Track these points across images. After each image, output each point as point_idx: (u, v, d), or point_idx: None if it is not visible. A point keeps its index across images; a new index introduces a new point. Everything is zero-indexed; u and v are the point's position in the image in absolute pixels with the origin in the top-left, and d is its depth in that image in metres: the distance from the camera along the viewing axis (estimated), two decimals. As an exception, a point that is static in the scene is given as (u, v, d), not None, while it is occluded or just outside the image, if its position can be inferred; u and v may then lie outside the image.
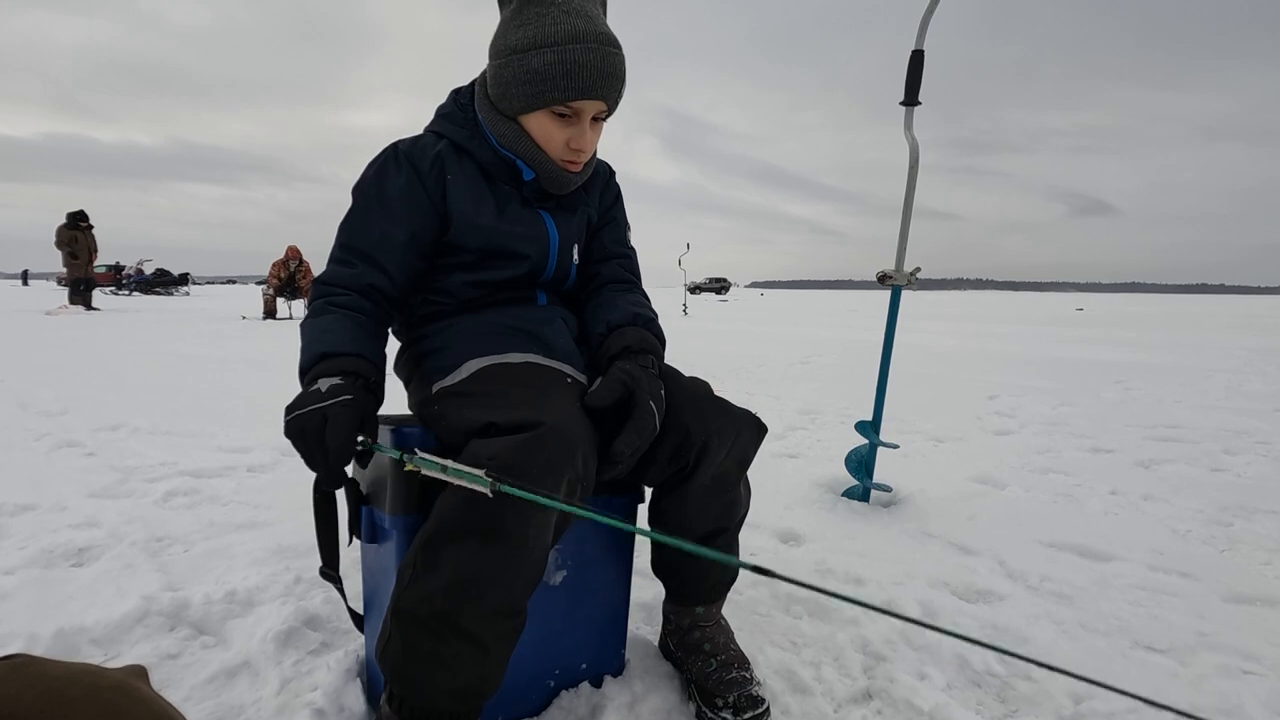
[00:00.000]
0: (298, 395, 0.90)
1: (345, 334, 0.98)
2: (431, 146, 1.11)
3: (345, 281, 1.05)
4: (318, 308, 1.04)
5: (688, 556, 1.12)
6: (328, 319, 1.01)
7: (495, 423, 0.89)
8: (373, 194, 1.09)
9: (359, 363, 0.95)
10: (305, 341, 0.99)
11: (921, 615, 1.44)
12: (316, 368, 0.94)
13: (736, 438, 1.03)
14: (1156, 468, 2.70)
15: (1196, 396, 4.44)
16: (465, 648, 0.86)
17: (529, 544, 0.86)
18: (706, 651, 1.16)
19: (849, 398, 4.07)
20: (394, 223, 1.08)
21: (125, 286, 23.80)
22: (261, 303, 11.12)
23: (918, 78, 1.82)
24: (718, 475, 1.04)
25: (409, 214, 1.08)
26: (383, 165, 1.10)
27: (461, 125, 1.13)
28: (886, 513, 2.07)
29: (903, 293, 2.02)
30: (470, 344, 1.08)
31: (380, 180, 1.09)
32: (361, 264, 1.06)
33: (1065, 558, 1.77)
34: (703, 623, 1.19)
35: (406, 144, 1.12)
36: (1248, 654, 1.30)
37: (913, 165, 1.85)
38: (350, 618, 1.18)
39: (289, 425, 0.86)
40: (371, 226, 1.08)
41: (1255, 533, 1.97)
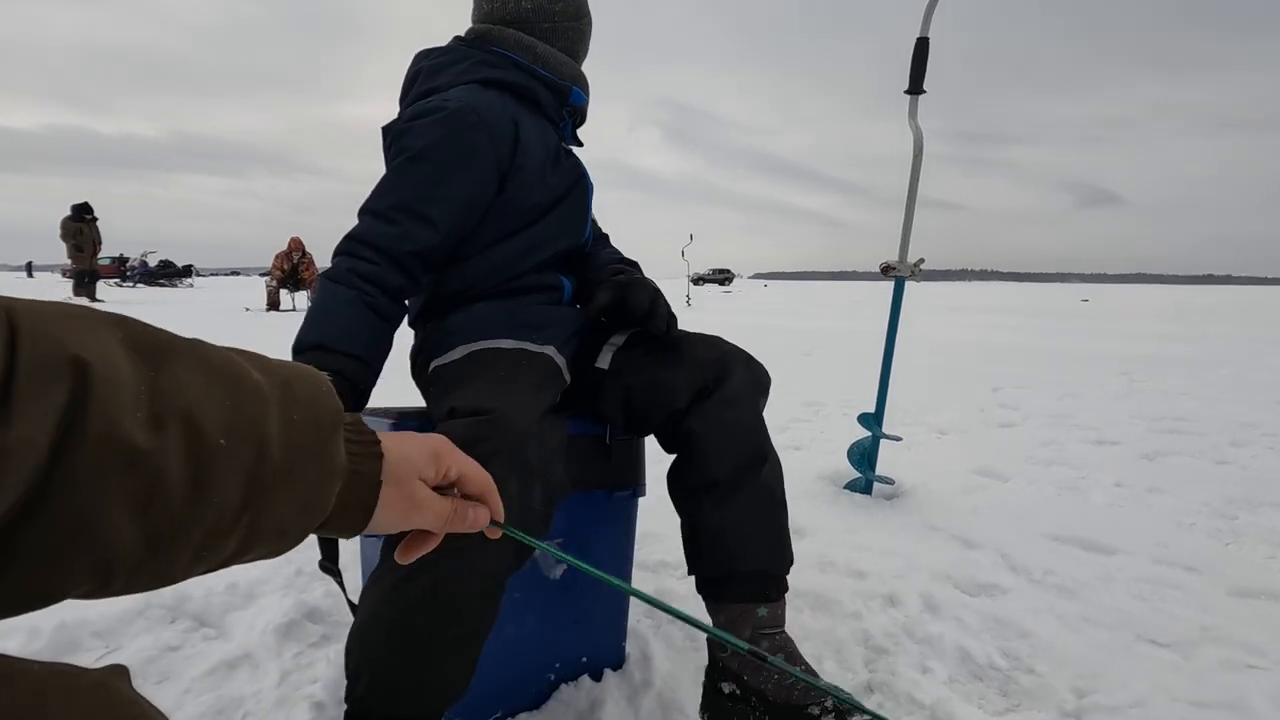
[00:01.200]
0: None
1: (351, 325, 0.94)
2: (498, 99, 1.07)
3: (382, 242, 0.98)
4: (340, 270, 0.97)
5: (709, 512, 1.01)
6: (341, 294, 0.95)
7: (454, 407, 0.88)
8: (438, 147, 1.01)
9: (352, 365, 0.91)
10: (311, 313, 0.95)
11: (923, 608, 1.44)
12: (306, 356, 0.91)
13: (748, 364, 1.08)
14: (1162, 460, 2.68)
15: (1202, 388, 4.41)
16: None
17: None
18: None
19: (852, 390, 4.06)
20: (460, 181, 1.02)
21: (129, 279, 23.85)
22: (265, 294, 11.12)
23: (923, 66, 1.79)
24: (734, 396, 1.04)
25: (478, 173, 1.03)
26: (448, 117, 1.02)
27: (506, 68, 1.11)
28: (889, 505, 2.06)
29: (906, 284, 2.01)
30: (465, 330, 1.06)
31: (449, 133, 1.01)
32: (408, 221, 0.99)
33: (1069, 551, 1.76)
34: (768, 628, 0.99)
35: (465, 95, 1.04)
36: (1252, 648, 1.30)
37: (917, 154, 1.83)
38: (350, 610, 1.17)
39: None
40: (431, 182, 1.00)
41: (1260, 526, 1.96)
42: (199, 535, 0.35)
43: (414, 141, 1.02)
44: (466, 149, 1.02)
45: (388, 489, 0.45)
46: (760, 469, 1.03)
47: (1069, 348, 7.00)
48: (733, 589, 1.00)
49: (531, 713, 1.09)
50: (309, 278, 11.37)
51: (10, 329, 0.29)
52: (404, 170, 1.01)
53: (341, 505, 0.43)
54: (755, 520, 1.01)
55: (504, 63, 1.11)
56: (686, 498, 1.05)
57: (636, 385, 1.06)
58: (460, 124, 1.02)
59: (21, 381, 0.29)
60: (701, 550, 1.03)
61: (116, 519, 0.32)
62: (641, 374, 1.06)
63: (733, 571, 1.00)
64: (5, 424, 0.28)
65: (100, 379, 0.31)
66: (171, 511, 0.34)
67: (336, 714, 1.06)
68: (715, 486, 1.01)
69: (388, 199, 1.01)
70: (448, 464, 0.50)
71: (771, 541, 1.02)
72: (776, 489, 1.06)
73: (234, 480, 0.36)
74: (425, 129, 1.02)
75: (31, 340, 0.29)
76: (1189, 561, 1.69)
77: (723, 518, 1.00)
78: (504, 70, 1.10)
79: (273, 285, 11.02)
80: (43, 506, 0.30)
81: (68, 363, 0.30)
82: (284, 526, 0.39)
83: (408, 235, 0.99)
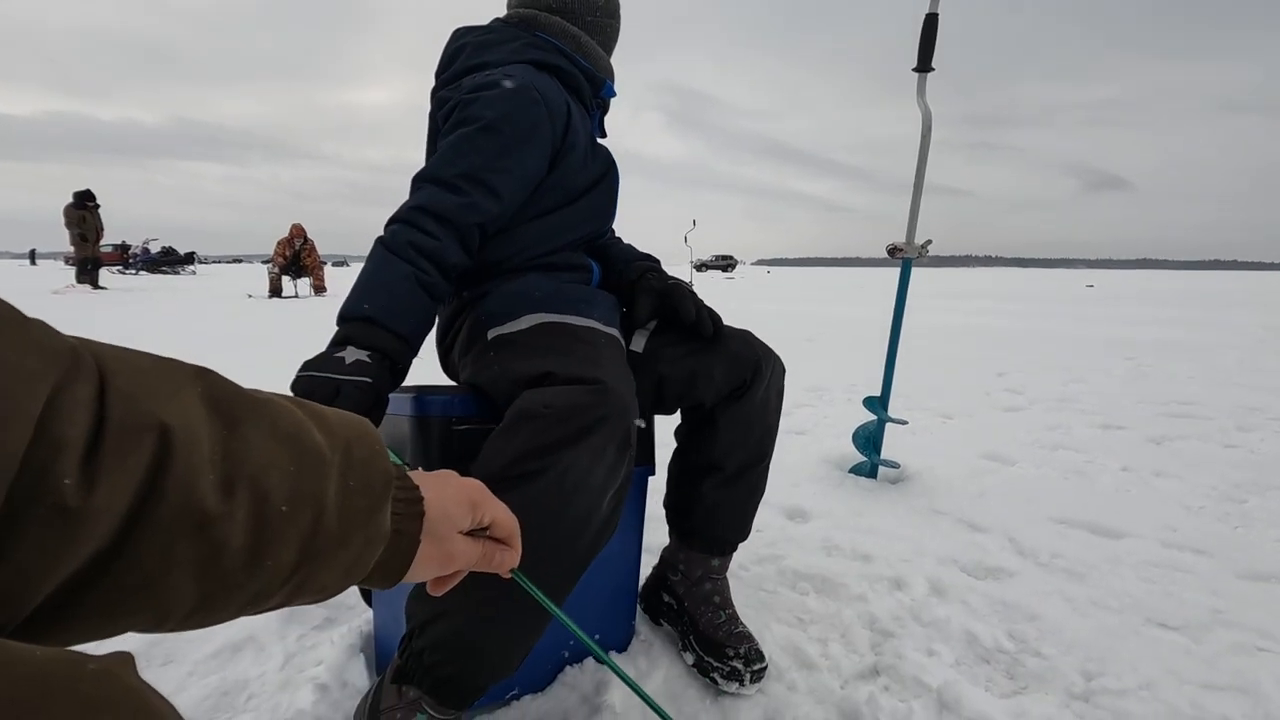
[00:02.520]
0: (319, 355, 0.85)
1: (404, 302, 0.90)
2: (551, 82, 1.09)
3: (448, 212, 0.96)
4: (398, 239, 0.93)
5: (732, 486, 1.16)
6: (397, 268, 0.91)
7: (553, 372, 0.88)
8: (507, 120, 1.00)
9: (396, 343, 0.88)
10: (360, 282, 0.91)
11: (929, 592, 1.43)
12: (353, 327, 0.87)
13: (775, 366, 1.16)
14: (1169, 444, 2.66)
15: (1209, 373, 4.38)
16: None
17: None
18: (716, 604, 1.18)
19: (856, 375, 4.04)
20: (525, 156, 1.02)
21: (132, 266, 23.85)
22: (267, 281, 11.11)
23: (931, 42, 1.76)
24: (764, 399, 1.14)
25: (539, 150, 1.04)
26: (518, 92, 1.02)
27: (551, 53, 1.13)
28: (894, 489, 2.05)
29: (912, 268, 1.98)
30: (530, 300, 1.05)
31: (518, 108, 1.01)
32: (476, 192, 0.98)
33: (1076, 534, 1.75)
34: (715, 574, 1.21)
35: (528, 75, 1.05)
36: (1263, 631, 1.28)
37: (925, 133, 1.80)
38: (359, 591, 1.17)
39: (297, 381, 0.82)
40: (501, 155, 1.00)
41: (1270, 509, 1.94)
42: (249, 594, 0.37)
43: (483, 112, 1.00)
44: (531, 124, 1.02)
45: (426, 545, 0.46)
46: (758, 467, 1.17)
47: (1074, 333, 6.96)
48: (700, 543, 1.20)
49: (536, 695, 1.09)
50: (311, 264, 11.34)
51: (100, 383, 0.30)
52: (473, 139, 0.99)
53: (382, 564, 0.44)
54: (740, 504, 1.18)
55: (550, 48, 1.13)
56: (689, 468, 1.19)
57: (671, 375, 1.11)
58: (526, 99, 1.02)
59: (108, 445, 0.29)
60: (690, 511, 1.19)
61: (179, 580, 0.33)
62: (676, 364, 1.11)
63: (708, 534, 1.19)
64: (87, 488, 0.28)
65: (181, 444, 0.32)
66: (229, 573, 0.35)
67: (341, 696, 1.05)
68: (719, 471, 1.15)
69: (454, 168, 0.98)
70: (483, 511, 0.52)
71: (743, 522, 1.20)
72: (763, 479, 1.20)
73: (290, 547, 0.37)
74: (492, 101, 1.00)
75: (120, 400, 0.30)
76: (1198, 545, 1.67)
77: (717, 498, 1.16)
78: (552, 55, 1.13)
79: (275, 272, 11.00)
80: (110, 568, 0.31)
81: (153, 429, 0.31)
82: (327, 585, 0.41)
83: (474, 206, 0.97)
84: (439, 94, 1.11)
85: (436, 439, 0.95)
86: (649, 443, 1.15)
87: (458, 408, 0.97)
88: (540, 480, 0.82)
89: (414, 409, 0.96)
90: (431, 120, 1.12)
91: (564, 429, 0.82)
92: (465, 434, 0.94)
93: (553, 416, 0.82)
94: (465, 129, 1.00)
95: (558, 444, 0.82)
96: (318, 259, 11.55)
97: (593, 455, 0.84)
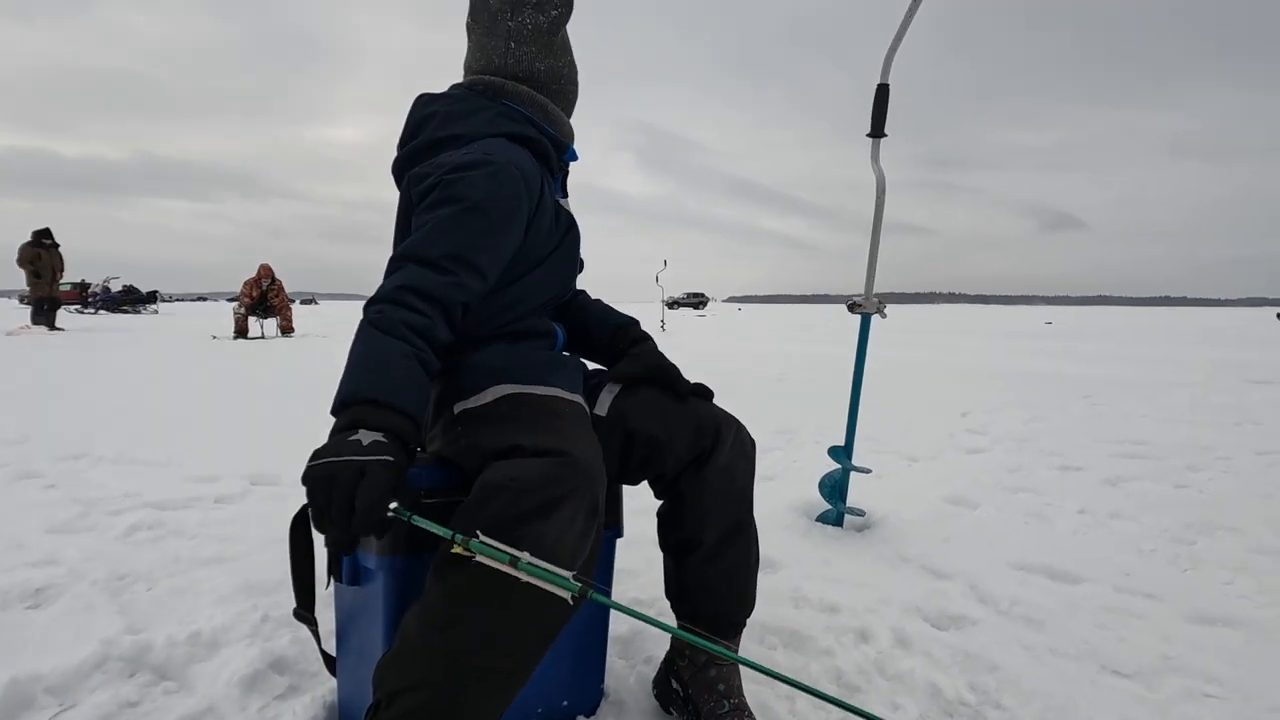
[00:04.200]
0: (331, 440, 0.81)
1: (404, 380, 0.87)
2: (521, 154, 1.10)
3: (434, 292, 0.94)
4: (389, 319, 0.91)
5: (714, 562, 1.13)
6: (393, 347, 0.89)
7: (520, 445, 0.89)
8: (491, 201, 1.01)
9: (406, 424, 0.85)
10: (357, 365, 0.87)
11: (894, 643, 1.45)
12: (359, 410, 0.83)
13: (738, 432, 1.14)
14: (1124, 485, 2.75)
15: (1161, 411, 4.55)
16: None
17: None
18: (721, 692, 1.12)
19: (825, 416, 4.10)
20: (507, 236, 1.04)
21: (91, 305, 23.27)
22: (233, 321, 10.93)
23: (883, 111, 1.86)
24: (728, 465, 1.12)
25: (518, 229, 1.06)
26: (500, 172, 1.03)
27: (520, 122, 1.15)
28: (861, 537, 2.09)
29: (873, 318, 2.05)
30: (499, 369, 1.06)
31: (501, 188, 1.02)
32: (463, 274, 0.97)
33: (1035, 580, 1.80)
34: (720, 661, 1.15)
35: (506, 152, 1.06)
36: (1210, 676, 1.33)
37: (879, 195, 1.89)
38: (322, 660, 1.15)
39: (313, 470, 0.77)
40: (485, 235, 1.01)
41: (1217, 551, 2.02)
42: None
43: (468, 192, 1.00)
44: (514, 204, 1.03)
45: None
46: (739, 537, 1.15)
47: (1034, 369, 7.17)
48: (703, 624, 1.15)
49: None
50: (279, 305, 11.21)
51: None
52: (458, 220, 0.99)
53: None
54: (731, 580, 1.15)
55: (521, 119, 1.15)
56: (674, 547, 1.17)
57: (636, 436, 1.11)
58: (509, 178, 1.03)
59: None
60: (686, 595, 1.17)
61: None
62: (639, 429, 1.10)
63: (708, 613, 1.16)
64: None
65: None
66: None
67: (303, 770, 1.03)
68: (700, 547, 1.13)
69: (439, 248, 0.97)
70: None
71: (740, 595, 1.17)
72: (752, 553, 1.18)
73: None
74: (477, 182, 1.01)
75: None
76: (1150, 589, 1.73)
77: (705, 575, 1.14)
78: (523, 126, 1.14)
79: (241, 312, 10.84)
80: None
81: None
82: None
83: (461, 285, 0.97)
84: (411, 170, 1.09)
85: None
86: (617, 505, 1.17)
87: (426, 480, 0.98)
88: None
89: None
90: (404, 194, 1.11)
91: (532, 501, 0.83)
92: (434, 507, 0.95)
93: (520, 489, 0.83)
94: (449, 209, 0.99)
95: (527, 516, 0.83)
96: (285, 299, 11.42)
97: (562, 526, 0.84)
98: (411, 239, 0.99)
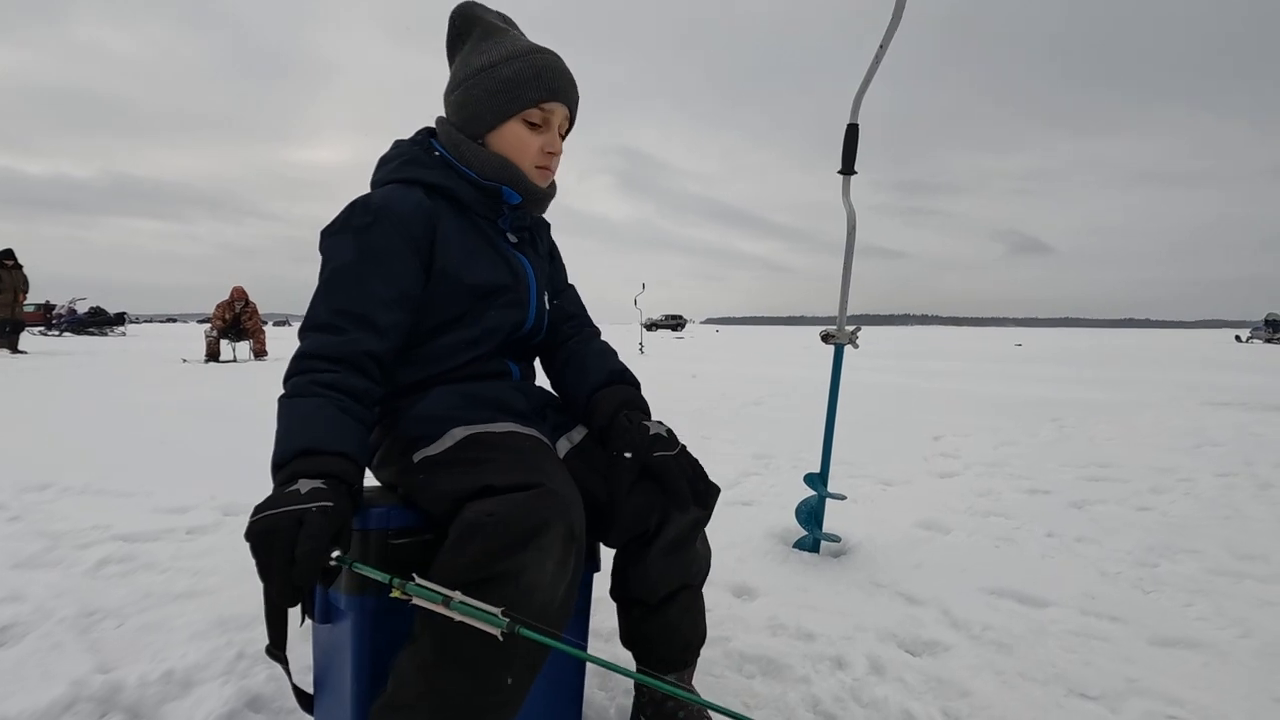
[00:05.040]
0: (270, 494, 0.84)
1: (329, 426, 0.91)
2: (409, 195, 1.07)
3: (333, 352, 0.98)
4: (299, 385, 0.95)
5: (657, 615, 1.15)
6: (310, 403, 0.93)
7: (492, 485, 0.89)
8: (352, 251, 1.03)
9: (343, 464, 0.88)
10: (282, 430, 0.91)
11: (869, 670, 1.48)
12: (294, 465, 0.86)
13: (689, 514, 1.10)
14: (1089, 508, 2.83)
15: (1126, 434, 4.68)
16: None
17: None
18: (681, 718, 1.16)
19: (802, 440, 4.16)
20: (382, 279, 1.03)
21: (56, 327, 22.71)
22: (204, 344, 10.75)
23: (853, 149, 1.93)
24: (675, 539, 1.10)
25: (396, 268, 1.04)
26: (355, 221, 1.05)
27: (431, 167, 1.12)
28: (836, 563, 2.12)
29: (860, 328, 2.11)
30: (450, 414, 1.05)
31: (357, 236, 1.04)
32: (354, 329, 0.99)
33: (1005, 604, 1.84)
34: (679, 705, 1.17)
35: (379, 197, 1.07)
36: (1172, 698, 1.38)
37: (850, 231, 1.95)
38: (296, 698, 1.14)
39: (254, 525, 0.80)
40: (355, 284, 1.02)
41: (1178, 573, 2.09)
42: None
43: (334, 252, 1.04)
44: (381, 250, 1.03)
45: None
46: (684, 594, 1.16)
47: (1005, 393, 7.33)
48: (653, 663, 1.18)
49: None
50: (252, 328, 11.06)
51: None
52: (332, 280, 1.03)
53: None
54: (676, 626, 1.17)
55: (436, 162, 1.13)
56: (619, 599, 1.18)
57: (585, 498, 1.06)
58: (366, 222, 1.04)
59: None
60: (633, 639, 1.20)
61: None
62: (589, 492, 1.06)
63: (655, 657, 1.18)
64: None
65: None
66: None
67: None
68: (643, 604, 1.15)
69: (324, 311, 1.01)
70: None
71: (686, 643, 1.19)
72: (695, 601, 1.19)
73: None
74: (339, 239, 1.05)
75: None
76: (1114, 612, 1.78)
77: (650, 627, 1.17)
78: (430, 170, 1.12)
79: (213, 335, 10.67)
80: None
81: None
82: None
83: (355, 340, 0.99)
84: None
85: (374, 552, 0.95)
86: (592, 541, 1.18)
87: (395, 520, 0.98)
88: (496, 585, 0.84)
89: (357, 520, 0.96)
90: None
91: (511, 534, 0.84)
92: (402, 547, 0.94)
93: (499, 524, 0.84)
94: (323, 271, 1.04)
95: (508, 549, 0.84)
96: (259, 322, 11.27)
97: (543, 554, 0.86)
98: (308, 309, 1.04)
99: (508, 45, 1.11)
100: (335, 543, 0.82)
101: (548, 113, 1.12)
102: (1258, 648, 1.60)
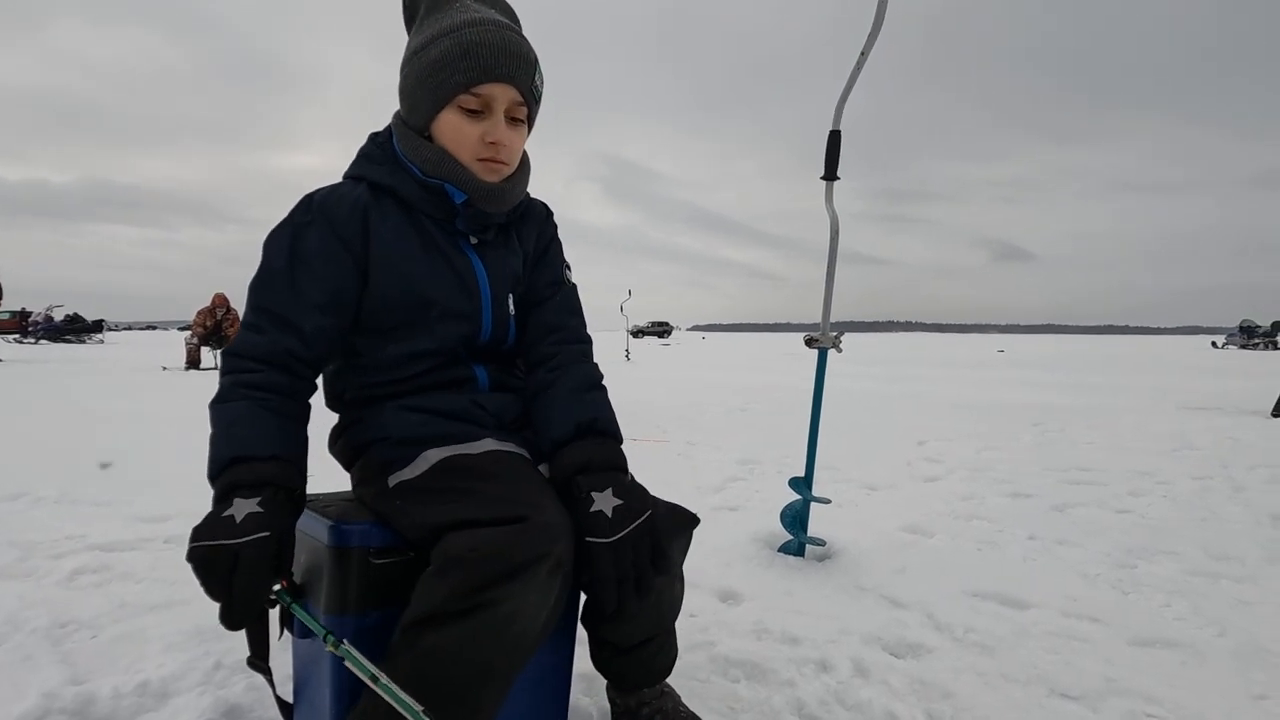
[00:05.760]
0: (206, 518, 0.82)
1: (259, 429, 0.89)
2: (350, 193, 1.03)
3: (257, 352, 0.96)
4: (226, 388, 0.94)
5: (628, 655, 1.16)
6: (238, 406, 0.92)
7: (476, 519, 0.86)
8: (285, 250, 1.00)
9: (278, 469, 0.86)
10: (214, 435, 0.90)
11: (854, 673, 1.48)
12: (229, 475, 0.85)
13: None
14: (1070, 511, 2.86)
15: (1106, 438, 4.74)
16: None
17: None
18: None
19: (787, 446, 4.17)
20: (310, 281, 0.99)
21: (32, 334, 22.33)
22: (184, 351, 10.61)
23: (836, 155, 1.95)
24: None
25: (327, 271, 1.00)
26: (294, 218, 1.01)
27: (381, 163, 1.06)
28: (821, 567, 2.12)
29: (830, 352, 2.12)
30: (420, 432, 1.01)
31: (293, 234, 1.00)
32: (274, 329, 0.97)
33: (988, 607, 1.85)
34: (650, 699, 1.19)
35: (321, 194, 1.03)
36: (1150, 698, 1.39)
37: (833, 237, 1.97)
38: (278, 708, 1.12)
39: (192, 553, 0.79)
40: (284, 286, 0.99)
41: (1155, 575, 2.11)
42: None
43: (266, 252, 1.02)
44: (314, 251, 1.00)
45: None
46: (658, 637, 1.15)
47: (988, 399, 7.41)
48: (626, 688, 1.20)
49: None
50: (234, 335, 10.93)
51: None
52: (261, 280, 1.00)
53: None
54: (649, 662, 1.17)
55: (385, 158, 1.07)
56: (591, 632, 1.17)
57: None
58: (297, 220, 1.01)
59: None
60: (604, 668, 1.20)
61: None
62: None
63: (631, 682, 1.19)
64: None
65: None
66: None
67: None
68: (612, 645, 1.15)
69: (250, 308, 1.00)
70: None
71: (662, 665, 1.19)
72: (668, 639, 1.19)
73: None
74: (281, 232, 1.02)
75: None
76: (1094, 613, 1.80)
77: (622, 664, 1.17)
78: (378, 167, 1.06)
79: (193, 343, 10.55)
80: None
81: None
82: None
83: (276, 341, 0.97)
84: None
85: (355, 570, 0.93)
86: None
87: (376, 538, 0.95)
88: (479, 614, 0.82)
89: (332, 539, 0.94)
90: None
91: (495, 570, 0.82)
92: (384, 567, 0.92)
93: (481, 561, 0.82)
94: (258, 269, 1.01)
95: (492, 582, 0.82)
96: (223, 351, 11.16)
97: (526, 584, 0.83)
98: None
99: (442, 21, 0.99)
100: (276, 571, 0.82)
101: (485, 97, 0.98)
102: (1233, 647, 1.62)
